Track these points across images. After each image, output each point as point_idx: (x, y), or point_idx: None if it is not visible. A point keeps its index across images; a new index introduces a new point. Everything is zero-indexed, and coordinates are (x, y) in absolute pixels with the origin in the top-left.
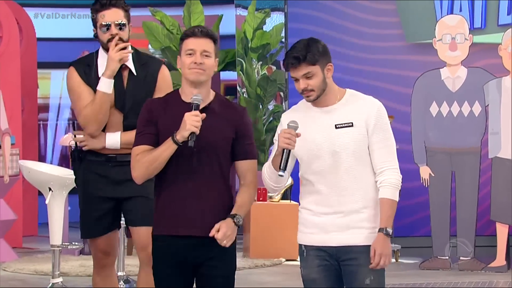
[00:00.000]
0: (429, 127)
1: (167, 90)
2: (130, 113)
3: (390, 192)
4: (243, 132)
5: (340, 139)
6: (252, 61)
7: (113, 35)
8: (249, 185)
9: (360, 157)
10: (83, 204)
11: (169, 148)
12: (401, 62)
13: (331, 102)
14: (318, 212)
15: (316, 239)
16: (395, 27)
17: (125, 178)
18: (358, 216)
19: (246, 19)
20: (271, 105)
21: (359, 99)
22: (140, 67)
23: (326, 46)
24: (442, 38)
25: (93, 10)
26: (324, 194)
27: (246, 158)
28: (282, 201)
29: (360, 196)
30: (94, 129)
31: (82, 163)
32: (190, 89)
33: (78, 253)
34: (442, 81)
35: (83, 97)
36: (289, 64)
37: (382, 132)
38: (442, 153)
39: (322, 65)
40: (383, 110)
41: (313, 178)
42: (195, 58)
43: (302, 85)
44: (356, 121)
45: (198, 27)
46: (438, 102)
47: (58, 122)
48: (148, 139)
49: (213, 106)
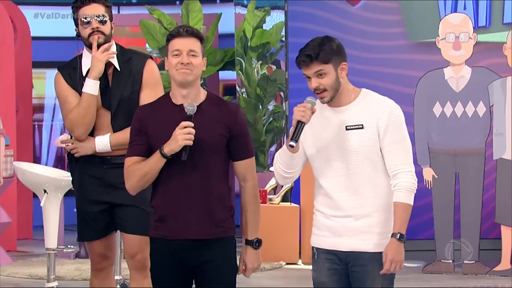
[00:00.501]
0: (432, 128)
1: (155, 85)
2: (118, 112)
3: (404, 196)
4: (237, 131)
5: (350, 141)
6: (252, 60)
7: (94, 29)
8: (251, 191)
9: (371, 160)
10: (79, 206)
11: (159, 162)
12: (404, 61)
13: (344, 102)
14: (329, 215)
15: (327, 242)
16: (399, 26)
17: (119, 181)
18: (369, 220)
19: (246, 18)
20: (271, 105)
21: (373, 99)
22: (125, 63)
23: (341, 45)
24: (445, 37)
25: (74, 9)
26: (334, 196)
27: (243, 158)
28: (282, 203)
29: (371, 200)
30: (81, 132)
31: (78, 164)
32: (179, 90)
33: (74, 257)
34: (446, 81)
35: (69, 101)
36: (301, 62)
37: (395, 134)
38: (446, 154)
39: (336, 63)
40: (397, 111)
41: (324, 180)
42: (182, 58)
43: (314, 84)
44: (366, 123)
45: (183, 27)
46: (441, 102)
47: (54, 123)
48: (138, 150)
49: (204, 106)
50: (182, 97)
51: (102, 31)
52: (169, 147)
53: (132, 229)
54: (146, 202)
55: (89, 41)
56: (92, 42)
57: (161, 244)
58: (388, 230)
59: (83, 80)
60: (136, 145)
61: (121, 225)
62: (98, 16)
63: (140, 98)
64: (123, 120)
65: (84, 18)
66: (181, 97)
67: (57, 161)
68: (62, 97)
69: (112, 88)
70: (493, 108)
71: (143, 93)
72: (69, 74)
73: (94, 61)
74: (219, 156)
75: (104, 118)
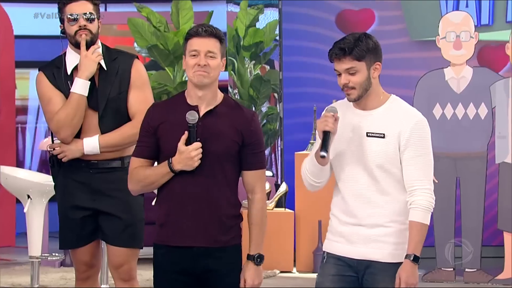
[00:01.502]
0: (432, 130)
1: (143, 85)
2: (106, 112)
3: (420, 215)
4: (250, 139)
5: (368, 148)
6: (245, 60)
7: (81, 27)
8: (258, 204)
9: (388, 170)
10: (61, 212)
11: (167, 175)
12: (404, 61)
13: (371, 105)
14: (343, 221)
15: (339, 248)
16: (399, 23)
17: (106, 187)
18: (383, 230)
19: (238, 16)
20: (264, 107)
21: (399, 109)
22: (111, 62)
23: (379, 43)
24: (446, 36)
25: (60, 5)
26: (349, 203)
27: (252, 168)
28: (276, 209)
29: (387, 210)
30: (67, 135)
31: (61, 168)
32: (195, 91)
33: (59, 265)
34: (446, 82)
35: (53, 102)
36: (333, 55)
37: (417, 149)
38: (446, 158)
39: (369, 62)
40: (423, 125)
41: (341, 185)
42: (199, 60)
43: (343, 80)
44: (388, 133)
45: (203, 26)
46: (441, 104)
47: (38, 125)
48: (145, 151)
49: (220, 109)
50: (197, 98)
51: (89, 29)
52: (181, 167)
53: (117, 241)
54: (133, 212)
55: (75, 39)
56: (79, 40)
57: (165, 250)
58: (402, 241)
59: (68, 79)
60: (144, 147)
61: (105, 236)
62: (85, 14)
63: (128, 98)
64: (111, 121)
65: (71, 15)
66: (197, 98)
67: (42, 165)
68: (46, 98)
69: (99, 88)
70: (495, 110)
71: (131, 93)
72: (53, 74)
73: (87, 61)
74: (229, 162)
75: (91, 119)
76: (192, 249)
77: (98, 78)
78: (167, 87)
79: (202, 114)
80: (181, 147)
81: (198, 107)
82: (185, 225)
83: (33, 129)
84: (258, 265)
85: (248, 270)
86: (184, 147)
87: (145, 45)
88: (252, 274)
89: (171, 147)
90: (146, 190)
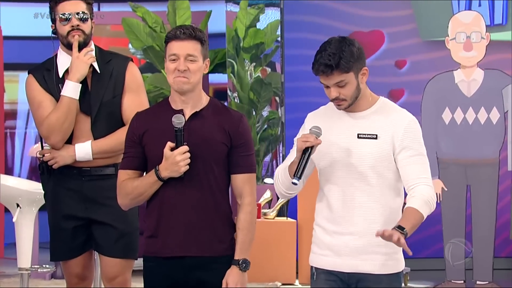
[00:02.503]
0: (442, 136)
1: (138, 89)
2: (99, 117)
3: (419, 203)
4: (238, 141)
5: (360, 150)
6: (245, 62)
7: (74, 27)
8: (247, 208)
9: (380, 173)
10: (52, 222)
11: (155, 184)
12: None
13: (360, 108)
14: (330, 230)
15: (327, 262)
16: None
17: (99, 195)
18: (375, 239)
19: (238, 16)
20: (265, 111)
21: (390, 110)
22: (105, 65)
23: (361, 47)
24: (455, 36)
25: (52, 3)
26: (337, 210)
27: (241, 172)
28: (278, 218)
29: (378, 217)
30: (58, 140)
31: (51, 176)
32: (178, 96)
33: (50, 277)
34: (456, 85)
35: (44, 106)
36: (318, 71)
37: (413, 148)
38: (456, 165)
39: (357, 70)
40: (415, 125)
41: (327, 190)
42: (178, 64)
43: (334, 94)
44: (381, 134)
45: (181, 28)
46: (451, 108)
47: (27, 130)
48: (132, 162)
49: (205, 112)
50: (182, 102)
51: (82, 30)
52: (168, 174)
53: (111, 251)
54: (128, 221)
55: (67, 40)
56: (71, 41)
57: (155, 262)
58: (395, 250)
59: (59, 82)
60: (129, 157)
61: (99, 246)
62: (78, 13)
63: (122, 102)
64: (104, 126)
65: (63, 14)
66: (181, 102)
67: (31, 172)
68: (36, 102)
69: (92, 92)
70: (507, 114)
71: (125, 97)
72: (43, 77)
73: (79, 62)
74: (219, 166)
75: (83, 124)
76: (183, 259)
77: (90, 81)
78: (163, 90)
79: (187, 118)
80: (166, 152)
81: (183, 111)
82: (176, 235)
83: (22, 135)
84: (243, 271)
85: (232, 275)
86: (170, 152)
87: (140, 47)
88: (235, 278)
89: (157, 154)
90: (136, 203)
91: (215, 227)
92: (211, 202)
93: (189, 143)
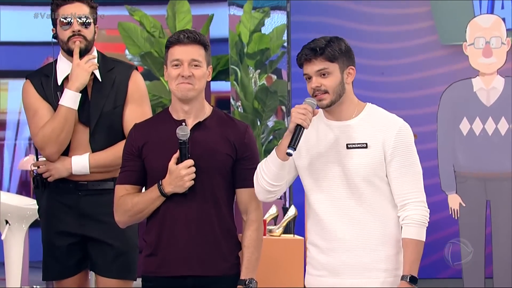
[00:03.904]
0: (459, 148)
1: (141, 100)
2: (98, 128)
3: (414, 231)
4: (244, 153)
5: (351, 161)
6: (249, 69)
7: (75, 32)
8: (253, 224)
9: (374, 184)
10: (46, 239)
11: (157, 200)
12: (432, 67)
13: (346, 115)
14: (325, 248)
15: (325, 283)
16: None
17: (96, 211)
18: (374, 255)
19: (241, 20)
20: (271, 121)
21: (379, 116)
22: (107, 73)
23: (350, 47)
24: (474, 42)
25: (53, 5)
26: (330, 226)
27: (246, 186)
28: (284, 236)
29: (376, 231)
30: (53, 152)
31: (46, 190)
32: (180, 104)
33: None
34: (475, 93)
35: (40, 114)
36: (302, 57)
37: (404, 158)
38: (475, 179)
39: (342, 65)
40: (407, 131)
41: (319, 206)
42: (182, 70)
43: (315, 84)
44: (371, 142)
45: (185, 32)
46: (469, 118)
47: (17, 142)
48: (131, 177)
49: (209, 122)
50: (184, 112)
51: (84, 35)
52: (172, 189)
53: (107, 272)
54: (126, 239)
55: (67, 46)
56: (72, 47)
57: (155, 282)
58: (396, 266)
59: (58, 89)
60: (128, 172)
61: (94, 266)
62: (80, 18)
63: (124, 113)
64: (103, 138)
65: (65, 18)
66: (183, 112)
67: (21, 187)
68: (32, 110)
69: (92, 101)
70: None
71: (128, 108)
72: (41, 83)
73: (79, 70)
74: (224, 180)
75: (81, 135)
76: (185, 279)
77: (91, 90)
78: (162, 99)
79: (190, 128)
80: (171, 166)
81: (186, 121)
82: (177, 253)
83: (12, 146)
84: None
85: None
86: (175, 166)
87: (138, 53)
88: None
89: (158, 168)
90: (135, 220)
91: (219, 245)
92: (215, 218)
93: (192, 155)
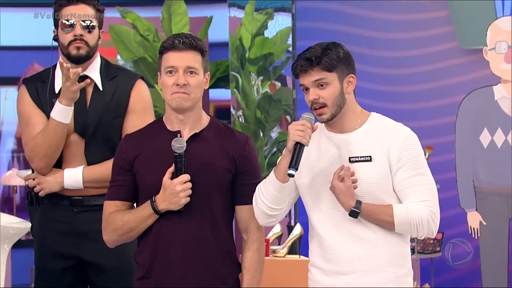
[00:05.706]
0: (479, 161)
1: (144, 111)
2: (93, 140)
3: (403, 211)
4: (244, 167)
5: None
6: (251, 75)
7: (77, 37)
8: (254, 245)
9: (379, 199)
10: (38, 261)
11: (150, 218)
12: (450, 75)
13: (348, 127)
14: (329, 270)
15: None
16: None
17: (92, 229)
18: (381, 276)
19: (243, 22)
20: (274, 132)
21: (384, 126)
22: (109, 81)
23: (350, 53)
24: (495, 46)
25: (56, 5)
26: (334, 246)
27: (247, 203)
28: (289, 256)
29: (384, 250)
30: (43, 165)
31: (40, 207)
32: (175, 114)
33: None
34: (496, 102)
35: (32, 123)
36: (297, 67)
37: (412, 167)
38: (497, 195)
39: (341, 74)
40: (413, 140)
41: (321, 225)
42: (177, 78)
43: (312, 96)
44: (376, 155)
45: (180, 37)
46: (490, 129)
47: (0, 155)
48: (121, 192)
49: (206, 133)
50: (179, 122)
51: (86, 41)
52: (166, 206)
53: None
54: (127, 258)
55: (67, 50)
56: (72, 53)
57: None
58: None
59: (54, 97)
60: (118, 187)
61: None
62: (84, 21)
63: (124, 125)
64: (99, 150)
65: (67, 20)
66: (178, 122)
67: (4, 203)
68: (24, 118)
69: (89, 111)
70: None
71: (129, 119)
72: (36, 89)
73: (64, 88)
74: (222, 196)
75: (76, 146)
76: None
77: (90, 98)
78: (156, 108)
79: (185, 140)
80: (165, 181)
81: (181, 133)
82: (172, 275)
83: None
84: None
85: None
86: (169, 181)
87: (130, 58)
88: None
89: (151, 183)
90: (125, 240)
91: (217, 267)
92: (213, 238)
93: (188, 169)
